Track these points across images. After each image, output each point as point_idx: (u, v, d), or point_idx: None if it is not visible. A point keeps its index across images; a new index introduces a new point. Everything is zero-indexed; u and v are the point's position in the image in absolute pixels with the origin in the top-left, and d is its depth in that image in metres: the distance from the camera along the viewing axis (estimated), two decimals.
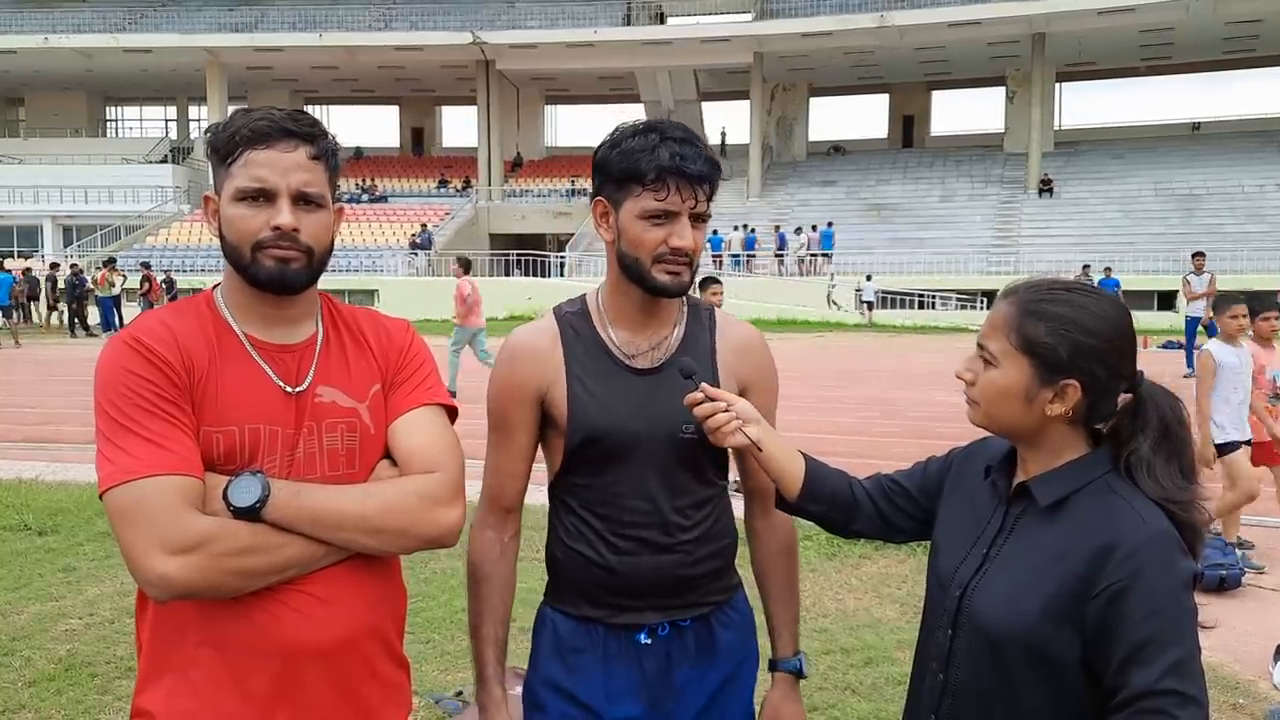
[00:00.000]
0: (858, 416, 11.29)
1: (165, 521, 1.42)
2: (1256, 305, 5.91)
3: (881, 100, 46.43)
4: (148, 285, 25.63)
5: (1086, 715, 1.44)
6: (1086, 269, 25.80)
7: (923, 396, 13.03)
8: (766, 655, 2.03)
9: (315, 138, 1.59)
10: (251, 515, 1.48)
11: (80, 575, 5.38)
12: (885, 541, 1.88)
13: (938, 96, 45.95)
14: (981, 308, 28.38)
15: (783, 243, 33.84)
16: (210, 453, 1.52)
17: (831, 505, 1.81)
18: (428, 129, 50.00)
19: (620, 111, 47.33)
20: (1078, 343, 1.48)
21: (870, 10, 37.29)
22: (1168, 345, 21.21)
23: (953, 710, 1.58)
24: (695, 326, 1.93)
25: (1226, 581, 5.39)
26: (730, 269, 33.68)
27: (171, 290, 26.32)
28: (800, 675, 1.99)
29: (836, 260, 32.75)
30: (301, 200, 1.57)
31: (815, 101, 45.81)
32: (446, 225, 38.18)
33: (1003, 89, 42.47)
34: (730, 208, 37.67)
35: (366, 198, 40.84)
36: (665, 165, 1.73)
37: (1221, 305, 6.00)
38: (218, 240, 1.62)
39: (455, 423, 1.75)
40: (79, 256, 34.07)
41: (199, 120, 47.76)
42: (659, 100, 42.48)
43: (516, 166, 44.21)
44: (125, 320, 23.95)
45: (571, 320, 1.91)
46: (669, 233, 1.76)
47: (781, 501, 1.84)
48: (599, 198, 1.84)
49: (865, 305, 29.30)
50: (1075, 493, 1.51)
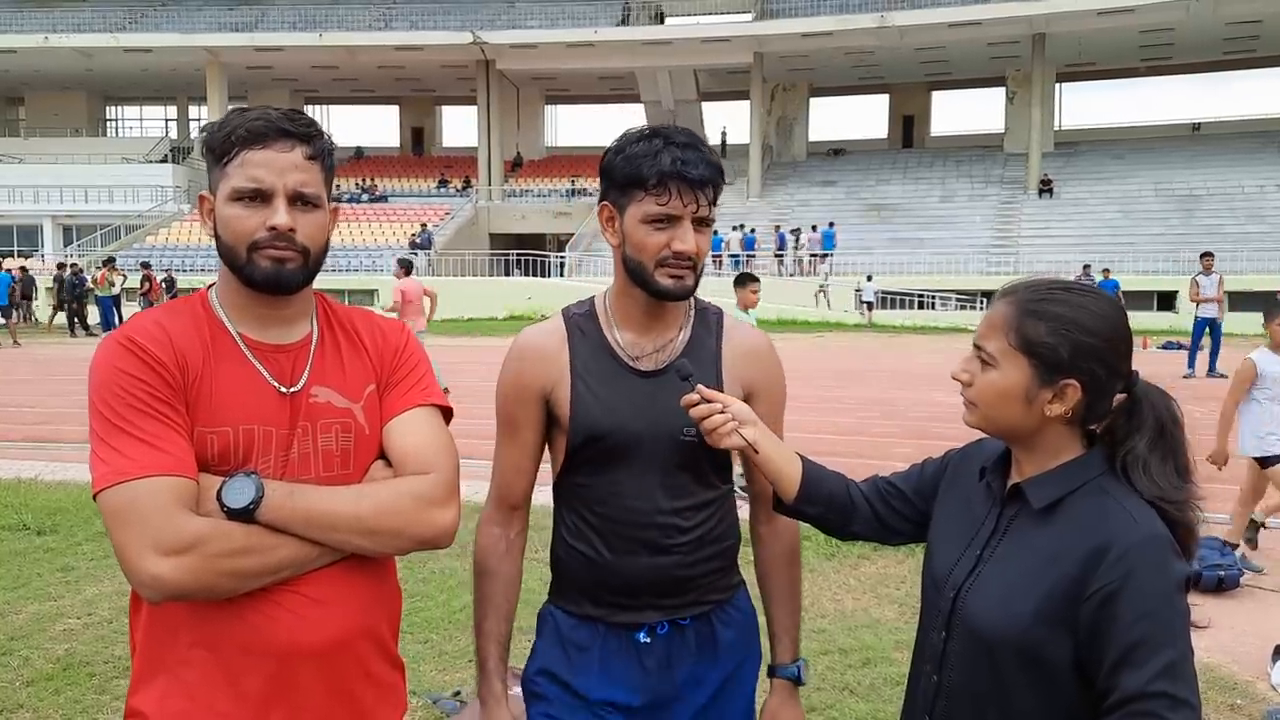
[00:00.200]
0: (857, 417, 11.29)
1: (159, 522, 1.42)
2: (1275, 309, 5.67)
3: (881, 100, 46.44)
4: (148, 285, 25.63)
5: (1079, 718, 1.44)
6: (1086, 269, 25.81)
7: (922, 397, 13.03)
8: (766, 657, 2.03)
9: (311, 137, 1.59)
10: (245, 516, 1.47)
11: (79, 575, 5.38)
12: (882, 544, 1.87)
13: (938, 97, 45.94)
14: (981, 308, 28.34)
15: (782, 243, 33.82)
16: (204, 453, 1.52)
17: (829, 507, 1.80)
18: (428, 129, 50.00)
19: (620, 111, 47.39)
20: (1078, 342, 1.47)
21: (870, 10, 37.28)
22: (1167, 346, 21.21)
23: (946, 712, 1.58)
24: (702, 330, 1.93)
25: (1225, 582, 5.39)
26: (730, 269, 33.71)
27: (172, 289, 26.32)
28: (799, 682, 1.99)
29: (837, 260, 32.73)
30: (298, 200, 1.57)
31: (815, 102, 45.80)
32: (446, 225, 38.17)
33: (1003, 89, 42.46)
34: (730, 208, 37.62)
35: (366, 197, 40.84)
36: (667, 170, 1.75)
37: (1273, 311, 5.69)
38: (213, 240, 1.62)
39: (450, 423, 1.75)
40: (79, 256, 34.07)
41: (199, 120, 47.73)
42: (659, 100, 42.47)
43: (516, 166, 44.21)
44: (125, 320, 23.90)
45: (579, 322, 1.92)
46: (671, 237, 1.77)
47: (779, 503, 1.83)
48: (604, 202, 1.86)
49: (865, 305, 29.29)
50: (1069, 495, 1.50)
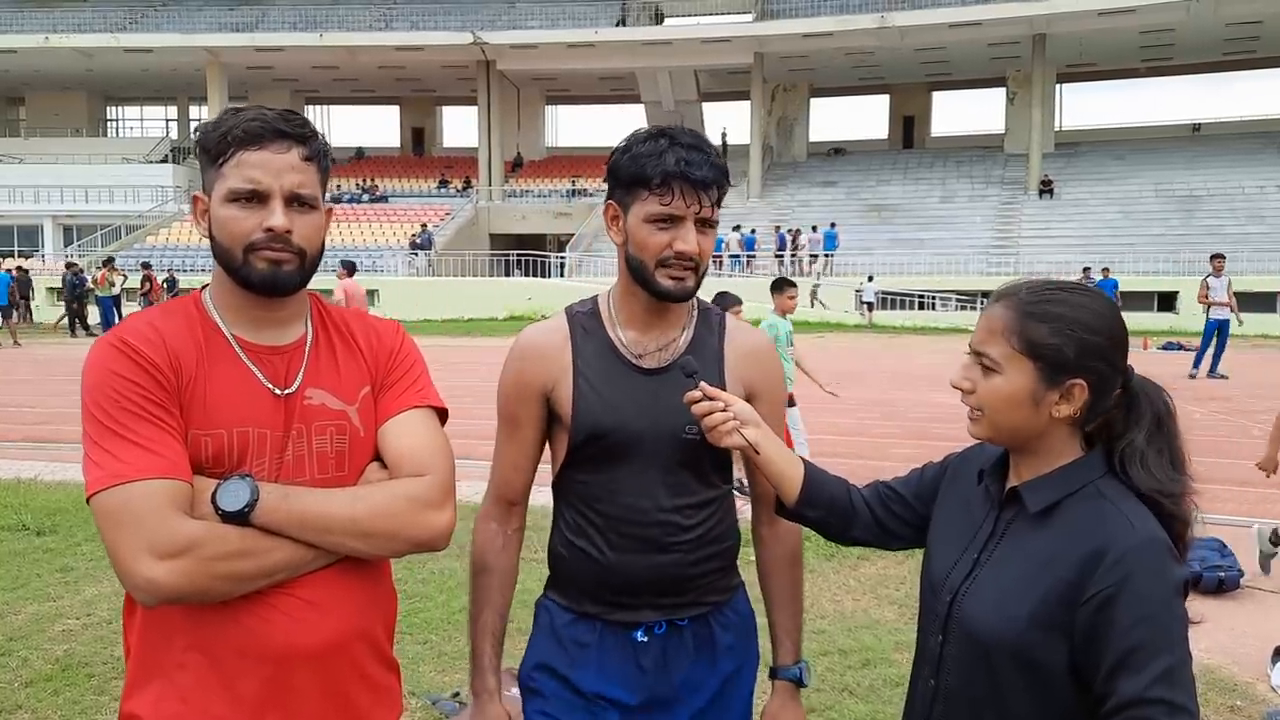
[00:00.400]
0: (857, 417, 11.27)
1: (153, 525, 1.41)
2: None
3: (882, 101, 46.43)
4: (148, 285, 25.63)
5: None
6: (1086, 270, 25.81)
7: (922, 398, 13.03)
8: (766, 658, 2.02)
9: (307, 138, 1.59)
10: (240, 519, 1.47)
11: (78, 575, 5.38)
12: (883, 549, 1.86)
13: (938, 97, 45.94)
14: (982, 309, 28.31)
15: (782, 243, 33.81)
16: (198, 456, 1.51)
17: (829, 511, 1.79)
18: (428, 129, 50.01)
19: (621, 112, 47.40)
20: (1083, 341, 1.47)
21: (871, 11, 37.30)
22: (1168, 346, 21.21)
23: (944, 716, 1.57)
24: (704, 331, 1.94)
25: (1225, 583, 5.39)
26: (729, 270, 33.69)
27: (174, 289, 26.33)
28: (801, 684, 1.99)
29: (837, 261, 32.73)
30: (294, 202, 1.56)
31: (816, 102, 45.81)
32: (447, 225, 38.18)
33: (1003, 90, 42.46)
34: (730, 208, 37.57)
35: (367, 198, 40.84)
36: (671, 170, 1.75)
37: None
38: (207, 241, 1.61)
39: (445, 424, 1.74)
40: (79, 256, 34.07)
41: (200, 120, 47.72)
42: (659, 101, 42.47)
43: (517, 167, 44.22)
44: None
45: (582, 320, 1.92)
46: (673, 237, 1.77)
47: (780, 506, 1.83)
48: (610, 201, 1.87)
49: (865, 306, 29.28)
50: (1066, 498, 1.49)
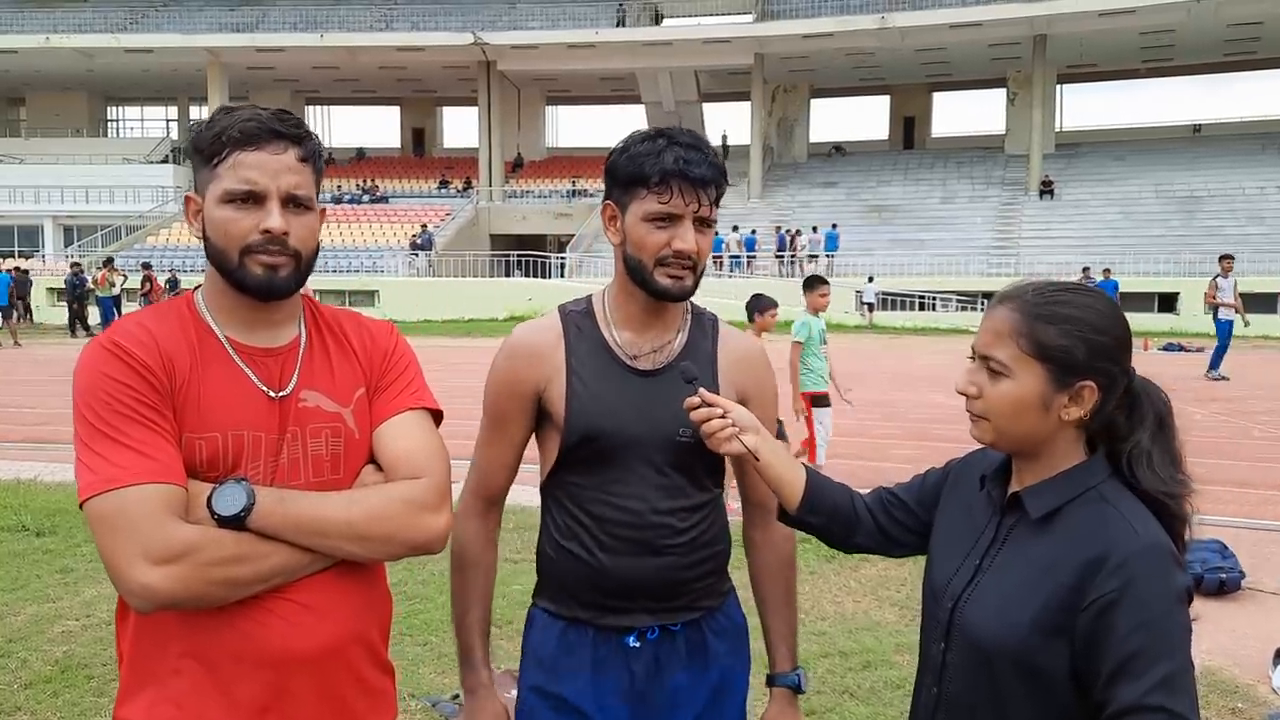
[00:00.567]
0: (858, 418, 11.24)
1: (148, 530, 1.40)
2: None
3: (882, 101, 46.43)
4: (149, 285, 25.62)
5: None
6: (1086, 270, 25.81)
7: (923, 398, 13.02)
8: (759, 661, 2.01)
9: (302, 139, 1.57)
10: (236, 524, 1.45)
11: (78, 576, 5.37)
12: (885, 555, 1.85)
13: (939, 98, 45.94)
14: (982, 309, 28.28)
15: (783, 244, 33.78)
16: (192, 459, 1.49)
17: (832, 518, 1.77)
18: (429, 129, 50.02)
19: (621, 112, 47.40)
20: (1092, 342, 1.45)
21: (871, 11, 37.30)
22: (1169, 347, 21.22)
23: None
24: (698, 333, 1.93)
25: (1226, 585, 5.38)
26: (730, 271, 33.66)
27: (175, 290, 26.29)
28: (799, 690, 1.98)
29: (838, 261, 32.68)
30: (291, 203, 1.55)
31: (816, 103, 45.81)
32: (447, 226, 38.17)
33: (1004, 90, 42.46)
34: (731, 209, 37.61)
35: (367, 198, 40.84)
36: (669, 169, 1.75)
37: None
38: (200, 241, 1.59)
39: (440, 425, 1.73)
40: (80, 256, 34.07)
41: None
42: (660, 101, 42.47)
43: (517, 167, 44.22)
44: None
45: (576, 319, 1.91)
46: (672, 235, 1.77)
47: (782, 514, 1.81)
48: (608, 201, 1.86)
49: (866, 307, 29.26)
50: (1068, 503, 1.47)
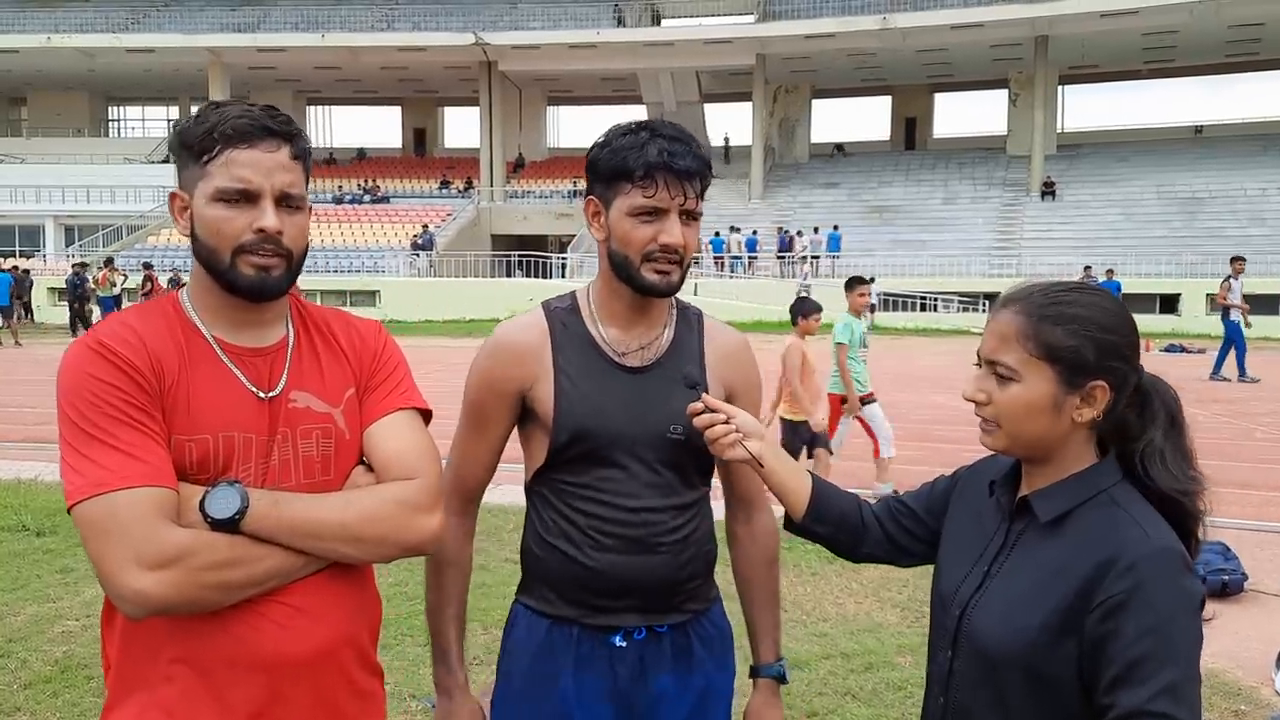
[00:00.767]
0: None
1: (141, 535, 1.37)
2: None
3: (884, 102, 46.41)
4: (150, 285, 25.62)
5: None
6: (1088, 270, 25.79)
7: (924, 399, 13.01)
8: (745, 660, 2.00)
9: (293, 136, 1.55)
10: (230, 527, 1.43)
11: (78, 576, 5.35)
12: (894, 565, 1.81)
13: (940, 98, 45.91)
14: (983, 311, 28.30)
15: (784, 244, 33.76)
16: (182, 462, 1.47)
17: (839, 527, 1.75)
18: (430, 130, 50.02)
19: (623, 113, 47.35)
20: (1101, 341, 1.42)
21: (873, 12, 37.29)
22: (1170, 349, 21.23)
23: None
24: (684, 329, 1.91)
25: (1229, 587, 5.37)
26: (731, 271, 33.67)
27: (178, 289, 26.22)
28: (782, 680, 1.97)
29: (839, 262, 32.68)
30: (283, 201, 1.53)
31: (817, 103, 45.79)
32: (448, 226, 38.18)
33: (1005, 91, 42.44)
34: (732, 209, 37.64)
35: (369, 198, 40.85)
36: (653, 162, 1.72)
37: None
38: (188, 240, 1.57)
39: (429, 425, 1.71)
40: (81, 256, 34.08)
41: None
42: (661, 102, 42.47)
43: (518, 167, 44.23)
44: None
45: (561, 316, 1.88)
46: (658, 230, 1.74)
47: (788, 522, 1.78)
48: (590, 197, 1.83)
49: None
50: (1078, 507, 1.44)
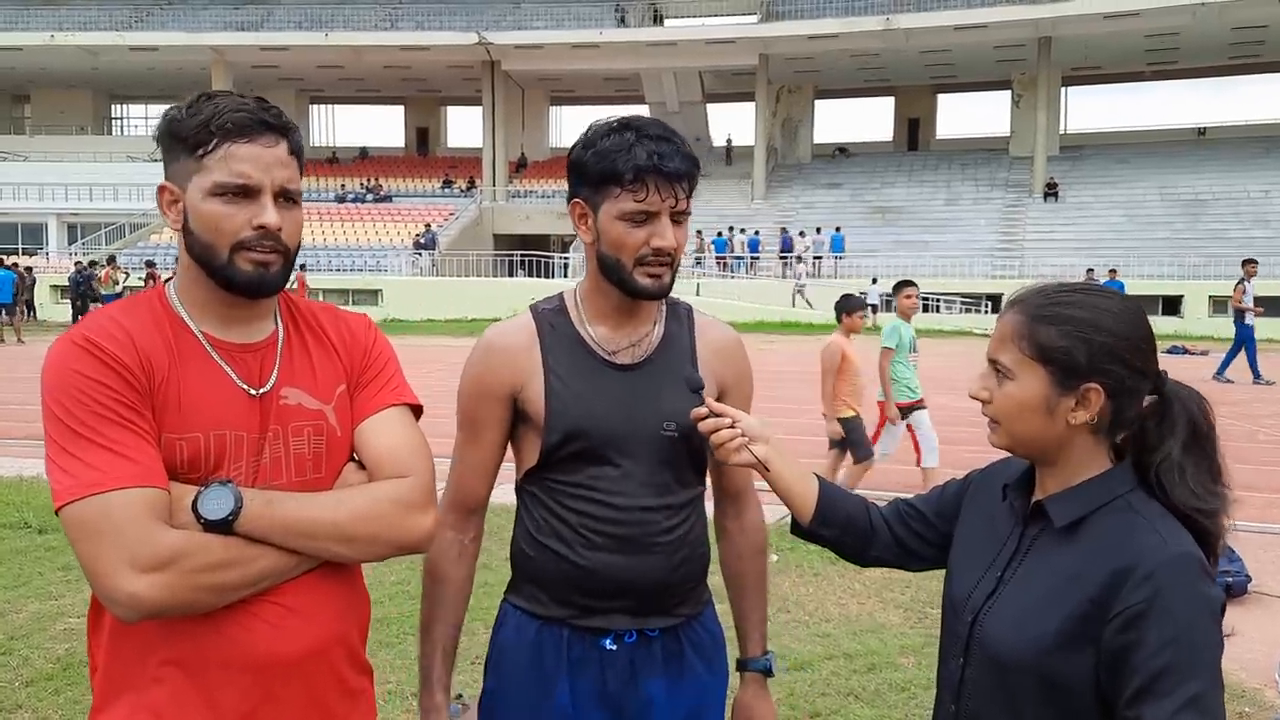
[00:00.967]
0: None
1: (134, 537, 1.34)
2: None
3: (887, 103, 46.39)
4: (153, 283, 25.65)
5: None
6: (1090, 273, 25.77)
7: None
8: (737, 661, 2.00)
9: (289, 131, 1.53)
10: (223, 528, 1.40)
11: (80, 574, 5.27)
12: (903, 569, 1.77)
13: (943, 99, 45.90)
14: (986, 311, 28.29)
15: (786, 245, 33.76)
16: (173, 461, 1.44)
17: (846, 531, 1.72)
18: (433, 129, 50.03)
19: (625, 113, 47.26)
20: (1094, 343, 1.39)
21: (876, 13, 37.27)
22: (1173, 350, 21.18)
23: None
24: (675, 324, 1.89)
25: (1232, 589, 5.35)
26: (733, 272, 33.67)
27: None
28: (769, 674, 1.97)
29: (841, 262, 32.70)
30: (281, 197, 1.51)
31: (820, 103, 45.77)
32: (451, 225, 38.19)
33: (1008, 92, 42.42)
34: (735, 210, 37.63)
35: (371, 197, 40.86)
36: (643, 165, 1.69)
37: None
38: (179, 235, 1.52)
39: (419, 419, 1.69)
40: (84, 254, 34.12)
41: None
42: (664, 102, 42.46)
43: (521, 167, 44.21)
44: None
45: (549, 317, 1.86)
46: (650, 233, 1.73)
47: (795, 526, 1.77)
48: (576, 200, 1.80)
49: (870, 308, 29.20)
50: (1094, 512, 1.41)
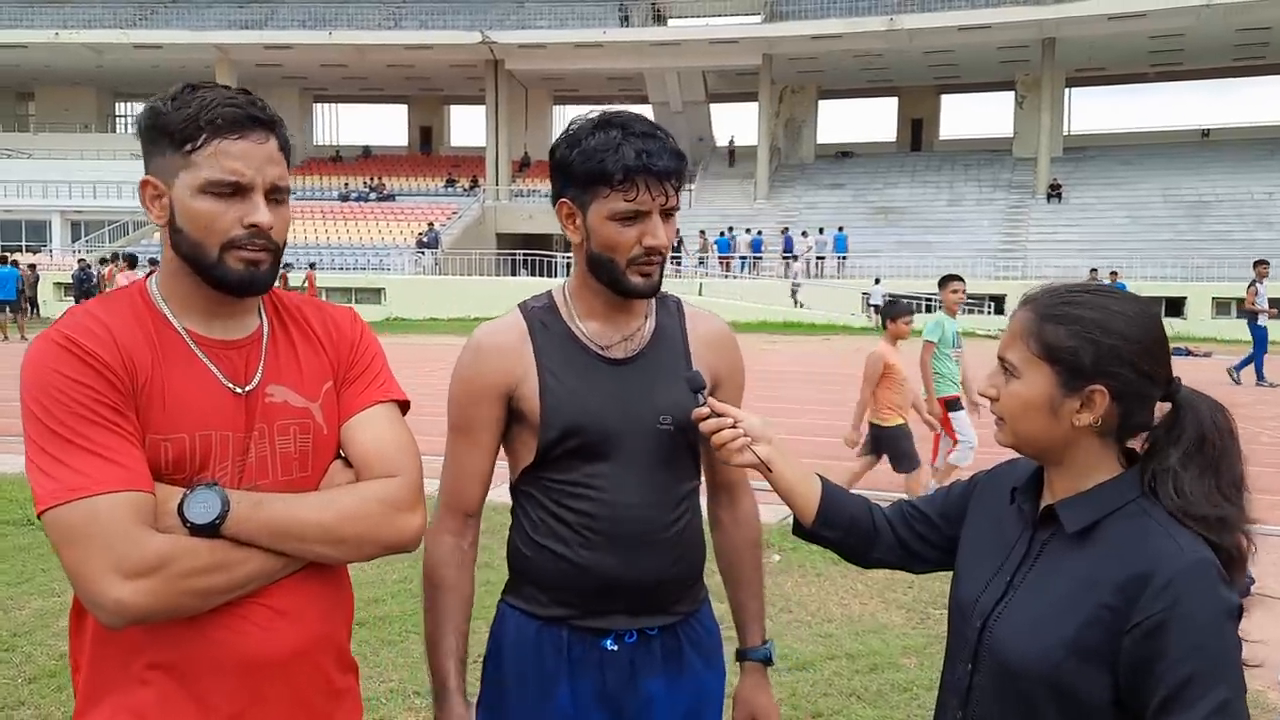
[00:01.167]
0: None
1: (120, 543, 1.32)
2: None
3: (890, 103, 46.37)
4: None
5: None
6: (1094, 273, 25.74)
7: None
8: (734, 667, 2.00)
9: (277, 125, 1.50)
10: (210, 532, 1.38)
11: None
12: (907, 571, 1.76)
13: (946, 100, 45.86)
14: (989, 312, 28.25)
15: (789, 245, 33.75)
16: (157, 461, 1.41)
17: (849, 532, 1.72)
18: (436, 128, 50.06)
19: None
20: (1101, 345, 1.38)
21: (880, 13, 37.25)
22: (1176, 352, 21.15)
23: None
24: (665, 318, 1.88)
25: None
26: (737, 272, 33.66)
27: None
28: (769, 663, 1.96)
29: (844, 263, 32.71)
30: (271, 194, 1.48)
31: (824, 104, 45.74)
32: (454, 224, 38.21)
33: (1012, 93, 42.37)
34: (738, 209, 37.63)
35: (374, 196, 40.91)
36: (632, 165, 1.68)
37: None
38: (165, 230, 1.49)
39: (406, 415, 1.67)
40: (87, 252, 34.15)
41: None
42: (667, 101, 42.47)
43: (524, 166, 44.20)
44: None
45: (539, 314, 1.85)
46: (641, 232, 1.72)
47: (797, 527, 1.76)
48: (563, 199, 1.78)
49: (873, 309, 29.21)
50: (1106, 517, 1.40)
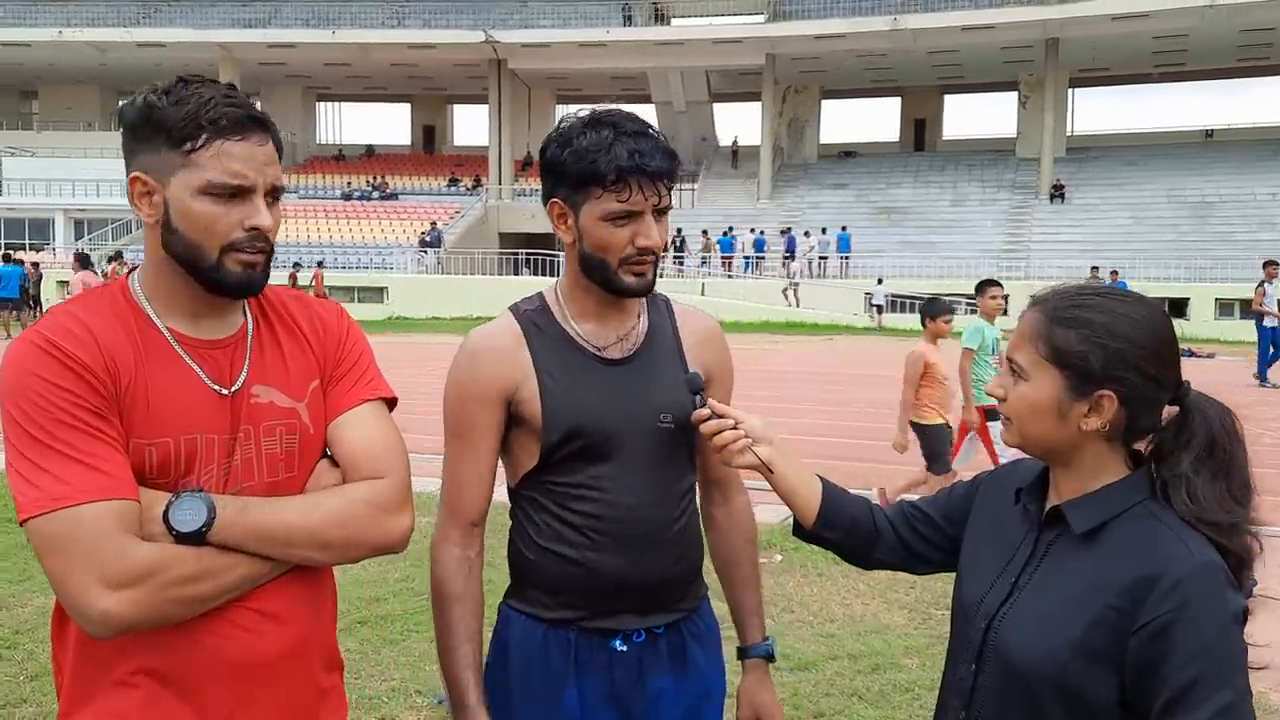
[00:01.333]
0: (866, 419, 11.26)
1: (105, 553, 1.30)
2: None
3: (893, 103, 46.35)
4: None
5: None
6: (1095, 271, 25.72)
7: None
8: (735, 658, 2.00)
9: (270, 125, 1.49)
10: (196, 539, 1.36)
11: None
12: (909, 572, 1.75)
13: (950, 100, 45.85)
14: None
15: (792, 246, 33.74)
16: (141, 466, 1.39)
17: (850, 533, 1.70)
18: (439, 127, 50.09)
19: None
20: (1111, 349, 1.37)
21: (883, 13, 37.24)
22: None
23: None
24: (657, 315, 1.89)
25: None
26: (739, 272, 33.65)
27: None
28: (771, 659, 1.96)
29: (848, 263, 32.71)
30: (269, 195, 1.47)
31: (827, 104, 45.72)
32: (456, 224, 38.23)
33: (1015, 93, 42.33)
34: (740, 209, 37.63)
35: (377, 195, 40.96)
36: (625, 165, 1.66)
37: None
38: (155, 228, 1.45)
39: (393, 411, 1.66)
40: (90, 250, 34.14)
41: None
42: (670, 101, 42.49)
43: (527, 166, 44.17)
44: None
45: (532, 316, 1.83)
46: (635, 232, 1.71)
47: (798, 528, 1.75)
48: (555, 200, 1.77)
49: (875, 309, 29.21)
50: (1114, 519, 1.39)
